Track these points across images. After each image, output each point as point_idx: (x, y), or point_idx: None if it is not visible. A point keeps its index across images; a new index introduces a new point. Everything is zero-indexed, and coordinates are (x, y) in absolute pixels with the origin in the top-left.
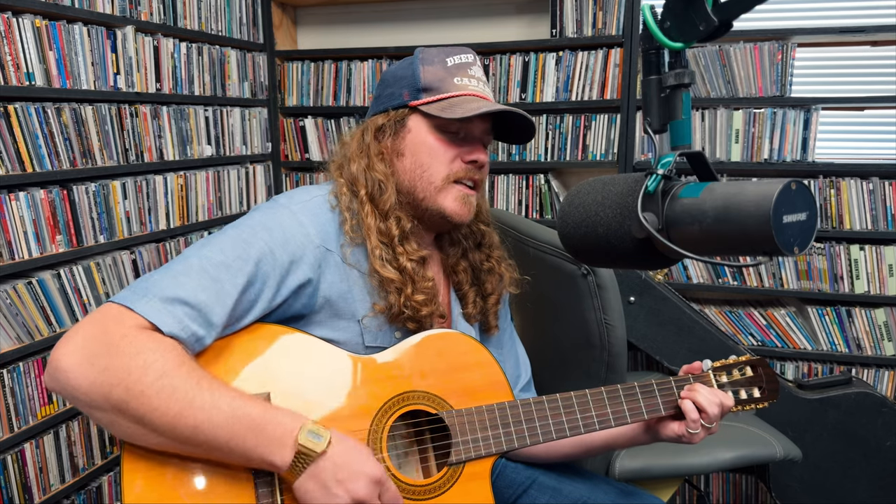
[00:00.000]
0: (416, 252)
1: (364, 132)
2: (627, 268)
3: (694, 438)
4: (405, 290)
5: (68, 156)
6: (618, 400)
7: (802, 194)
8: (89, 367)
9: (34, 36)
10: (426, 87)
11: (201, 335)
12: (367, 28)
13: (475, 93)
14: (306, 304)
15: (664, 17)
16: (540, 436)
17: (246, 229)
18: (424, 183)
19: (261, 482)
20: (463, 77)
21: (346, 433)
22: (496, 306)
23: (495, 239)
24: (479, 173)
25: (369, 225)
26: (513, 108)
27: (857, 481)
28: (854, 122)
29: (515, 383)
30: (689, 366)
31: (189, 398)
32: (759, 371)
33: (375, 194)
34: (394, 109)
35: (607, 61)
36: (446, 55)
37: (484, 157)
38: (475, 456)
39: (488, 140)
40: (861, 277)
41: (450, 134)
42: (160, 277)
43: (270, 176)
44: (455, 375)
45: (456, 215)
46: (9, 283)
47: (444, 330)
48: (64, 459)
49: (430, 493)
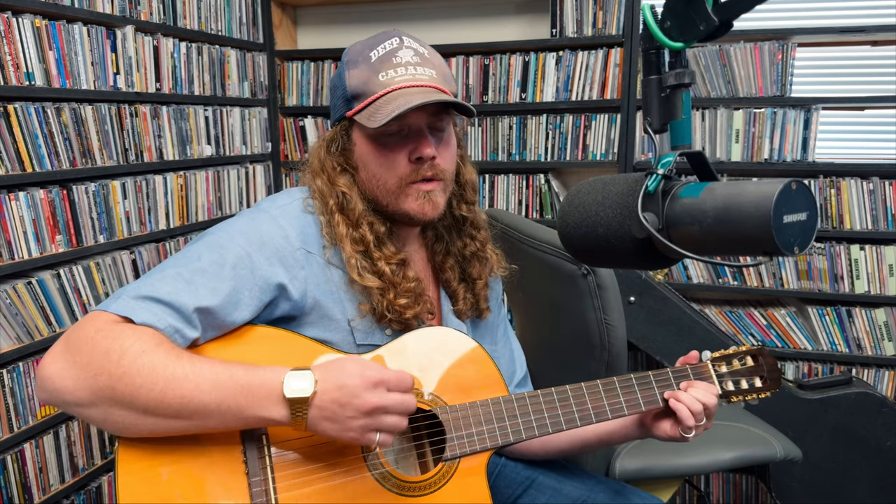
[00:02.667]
0: (394, 256)
1: (321, 148)
2: (627, 268)
3: (688, 439)
4: (387, 294)
5: (68, 156)
6: (614, 392)
7: (803, 194)
8: (72, 366)
9: (34, 36)
10: (354, 95)
11: (179, 327)
12: (367, 28)
13: (402, 84)
14: (294, 306)
15: (664, 16)
16: (535, 429)
17: (223, 235)
18: (382, 191)
19: (254, 482)
20: (388, 70)
21: None
22: (485, 290)
23: (480, 220)
24: (431, 168)
25: (342, 234)
26: (427, 101)
27: (857, 481)
28: (854, 122)
29: (511, 379)
30: (686, 356)
31: (170, 371)
32: (761, 360)
33: (343, 204)
34: (338, 122)
35: (607, 61)
36: (370, 49)
37: (430, 150)
38: (470, 451)
39: (440, 122)
40: (861, 277)
41: (391, 136)
42: (134, 284)
43: (270, 176)
44: (448, 372)
45: (420, 215)
46: (9, 283)
47: (436, 327)
48: (64, 459)
49: (426, 489)
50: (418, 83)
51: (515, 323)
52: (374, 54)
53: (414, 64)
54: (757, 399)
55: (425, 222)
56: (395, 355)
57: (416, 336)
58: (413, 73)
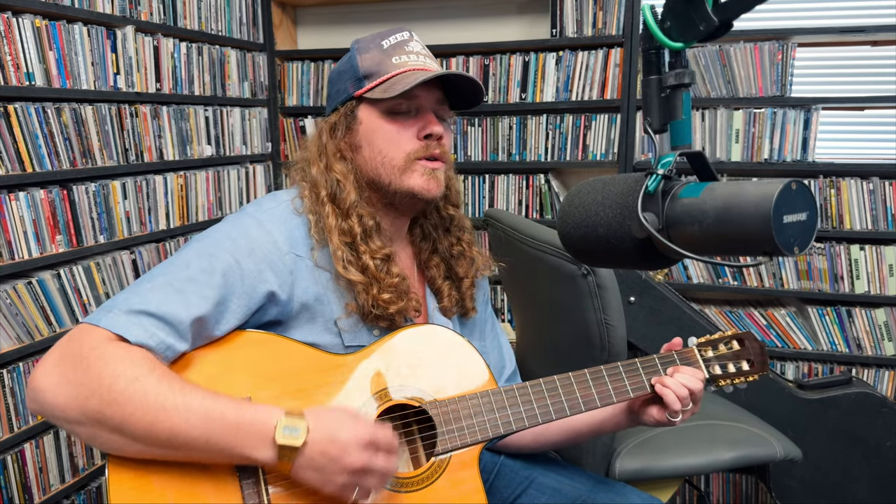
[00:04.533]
0: (380, 250)
1: (321, 134)
2: (627, 268)
3: (675, 423)
4: (371, 290)
5: (68, 156)
6: (602, 381)
7: (803, 194)
8: (65, 383)
9: (34, 36)
10: (366, 74)
11: (170, 343)
12: (367, 28)
13: (415, 67)
14: (282, 311)
15: (664, 16)
16: (525, 420)
17: (211, 242)
18: (387, 168)
19: (246, 484)
20: (401, 55)
21: None
22: (471, 289)
23: (466, 222)
24: (438, 146)
25: (330, 226)
26: (451, 71)
27: (857, 481)
28: (854, 122)
29: (500, 374)
30: (671, 342)
31: (161, 402)
32: (747, 344)
33: (335, 193)
34: (342, 104)
35: (607, 61)
36: (381, 38)
37: (439, 128)
38: (461, 444)
39: (444, 111)
40: (861, 277)
41: (401, 114)
42: (126, 294)
43: (270, 176)
44: (437, 368)
45: (425, 191)
46: (9, 283)
47: (423, 325)
48: (64, 459)
49: (419, 485)
50: (430, 68)
51: (515, 323)
52: (386, 43)
53: (424, 55)
54: (745, 382)
55: (427, 200)
56: (384, 353)
57: (403, 334)
58: (424, 62)
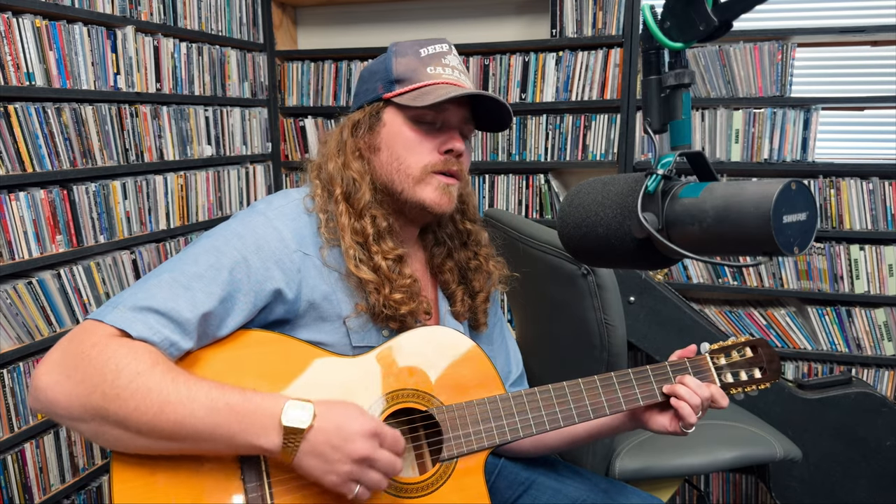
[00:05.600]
0: (392, 251)
1: (342, 130)
2: (627, 268)
3: (686, 433)
4: (382, 290)
5: (68, 156)
6: (612, 388)
7: (802, 194)
8: (66, 380)
9: (34, 36)
10: (399, 79)
11: (175, 340)
12: (367, 28)
13: (449, 81)
14: (289, 309)
15: (664, 17)
16: (533, 427)
17: (219, 238)
18: (402, 175)
19: (250, 485)
20: (437, 66)
21: None
22: (485, 304)
23: (483, 236)
24: (457, 163)
25: (343, 224)
26: (485, 92)
27: (857, 481)
28: (854, 122)
29: (507, 378)
30: (684, 349)
31: (165, 395)
32: (760, 352)
33: (350, 192)
34: (369, 104)
35: (607, 61)
36: (420, 46)
37: (460, 145)
38: (467, 451)
39: (468, 129)
40: (861, 277)
41: (425, 125)
42: (132, 291)
43: (270, 176)
44: (445, 371)
45: (436, 206)
46: (9, 283)
47: (433, 326)
48: (64, 459)
49: (424, 490)
50: (463, 84)
51: (515, 323)
52: (424, 51)
53: (459, 70)
54: (756, 390)
55: (436, 215)
56: (392, 354)
57: (412, 335)
58: (458, 77)
